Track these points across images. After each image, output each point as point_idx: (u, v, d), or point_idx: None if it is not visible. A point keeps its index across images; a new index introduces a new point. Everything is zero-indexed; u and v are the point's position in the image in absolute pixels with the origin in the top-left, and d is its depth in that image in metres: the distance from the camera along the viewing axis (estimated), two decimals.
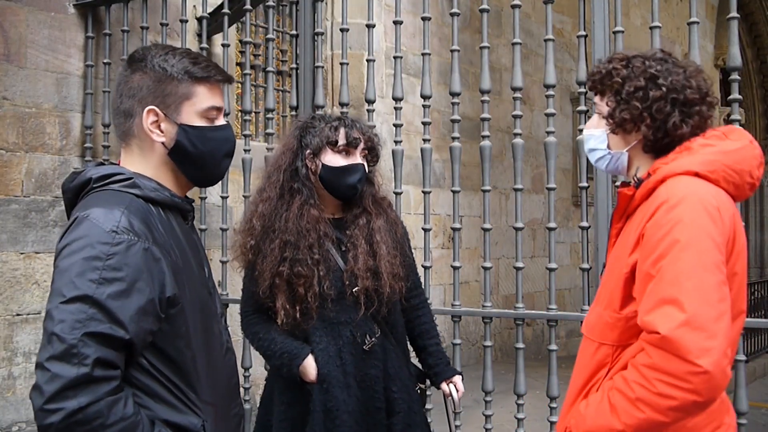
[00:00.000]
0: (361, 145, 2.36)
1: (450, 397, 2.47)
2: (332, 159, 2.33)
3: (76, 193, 1.50)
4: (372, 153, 2.41)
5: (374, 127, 2.65)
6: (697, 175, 1.56)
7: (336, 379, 2.25)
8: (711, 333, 1.40)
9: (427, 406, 3.12)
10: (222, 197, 3.71)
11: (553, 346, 2.97)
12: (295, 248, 2.27)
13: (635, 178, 1.67)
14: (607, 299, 1.65)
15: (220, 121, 1.57)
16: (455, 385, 2.47)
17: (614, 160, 1.75)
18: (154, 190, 1.48)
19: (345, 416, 2.23)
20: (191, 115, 1.52)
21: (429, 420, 3.09)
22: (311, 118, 2.47)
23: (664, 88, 1.64)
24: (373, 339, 2.31)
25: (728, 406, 1.67)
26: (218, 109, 1.56)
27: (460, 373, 2.53)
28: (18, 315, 3.85)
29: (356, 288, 2.29)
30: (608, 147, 1.75)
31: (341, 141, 2.33)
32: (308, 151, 2.35)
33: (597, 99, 1.78)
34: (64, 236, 1.40)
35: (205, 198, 3.82)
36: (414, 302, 2.53)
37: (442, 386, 2.48)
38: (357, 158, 2.35)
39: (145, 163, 1.53)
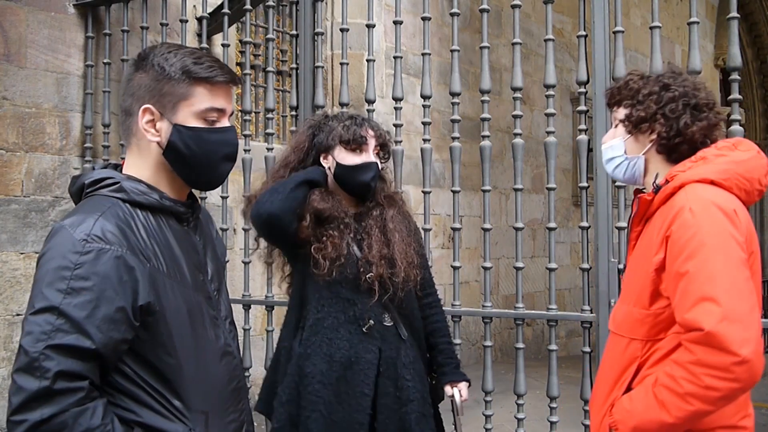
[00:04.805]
0: (374, 143, 2.41)
1: (453, 399, 2.46)
2: (345, 157, 2.38)
3: (78, 197, 1.51)
4: (384, 150, 2.47)
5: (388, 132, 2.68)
6: (712, 182, 1.68)
7: (320, 349, 2.30)
8: (747, 324, 1.53)
9: None
10: (222, 197, 3.71)
11: (553, 346, 2.97)
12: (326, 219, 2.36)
13: (654, 185, 1.78)
14: (636, 297, 1.75)
15: (223, 123, 1.52)
16: (460, 391, 2.46)
17: (631, 166, 1.88)
18: (141, 193, 1.46)
19: (318, 386, 2.27)
20: (188, 116, 1.48)
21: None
22: (324, 117, 2.52)
23: (676, 92, 1.79)
24: (370, 321, 2.33)
25: (748, 397, 1.78)
26: (219, 111, 1.51)
27: (467, 381, 2.51)
28: (18, 315, 3.85)
29: (370, 274, 2.32)
30: (625, 152, 1.88)
31: (353, 139, 2.37)
32: (321, 148, 2.41)
33: (614, 110, 1.92)
34: (43, 246, 1.40)
35: (205, 198, 3.82)
36: (426, 301, 2.55)
37: (446, 388, 2.48)
38: (370, 156, 2.40)
39: (143, 163, 1.51)
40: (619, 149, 1.88)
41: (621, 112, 1.88)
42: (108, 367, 1.35)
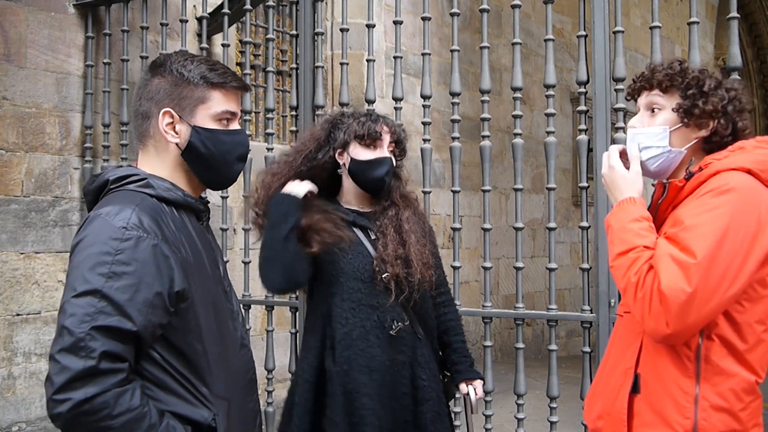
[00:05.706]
0: (388, 139, 2.41)
1: (467, 397, 2.46)
2: (360, 152, 2.39)
3: (96, 194, 1.56)
4: (399, 147, 2.47)
5: (402, 125, 2.68)
6: (749, 172, 1.62)
7: (356, 362, 2.28)
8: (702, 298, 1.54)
9: None
10: (222, 197, 3.72)
11: (553, 346, 2.97)
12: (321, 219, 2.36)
13: (687, 171, 1.71)
14: None
15: (234, 126, 1.63)
16: (475, 389, 2.47)
17: (669, 159, 1.76)
18: (167, 189, 1.54)
19: (365, 399, 2.25)
20: (205, 118, 1.57)
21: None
22: (341, 114, 2.53)
23: (732, 92, 1.75)
24: (399, 324, 2.32)
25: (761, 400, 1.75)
26: (233, 114, 1.61)
27: (482, 378, 2.52)
28: (18, 315, 3.85)
29: (386, 274, 2.32)
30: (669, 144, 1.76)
31: (368, 134, 2.38)
32: (337, 145, 2.41)
33: (655, 93, 1.77)
34: (77, 233, 1.45)
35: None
36: (440, 299, 2.55)
37: (460, 386, 2.48)
38: (384, 152, 2.40)
39: (160, 164, 1.59)
40: (662, 139, 1.74)
41: (672, 101, 1.75)
42: (141, 352, 1.41)
